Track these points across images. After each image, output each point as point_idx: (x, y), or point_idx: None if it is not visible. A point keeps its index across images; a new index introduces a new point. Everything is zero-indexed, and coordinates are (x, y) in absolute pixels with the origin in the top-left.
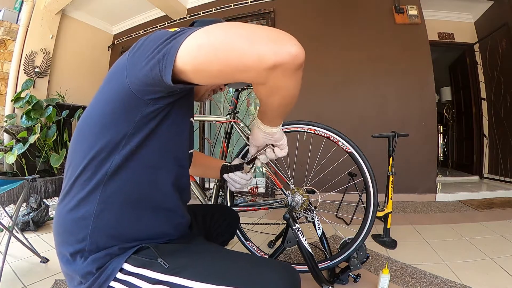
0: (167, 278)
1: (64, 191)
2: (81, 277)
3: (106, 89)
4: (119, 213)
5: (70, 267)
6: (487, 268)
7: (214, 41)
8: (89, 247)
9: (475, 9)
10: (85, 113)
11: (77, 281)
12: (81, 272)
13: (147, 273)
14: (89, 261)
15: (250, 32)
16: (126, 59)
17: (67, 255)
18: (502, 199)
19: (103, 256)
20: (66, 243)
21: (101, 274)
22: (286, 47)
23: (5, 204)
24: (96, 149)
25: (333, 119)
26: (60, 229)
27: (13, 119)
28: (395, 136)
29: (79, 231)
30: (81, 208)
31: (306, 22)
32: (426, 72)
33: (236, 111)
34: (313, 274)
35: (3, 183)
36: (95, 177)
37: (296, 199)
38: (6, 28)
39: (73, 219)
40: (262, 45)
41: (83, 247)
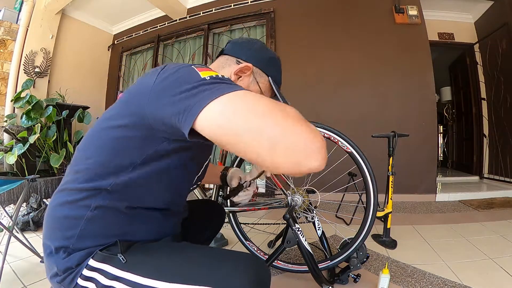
0: (123, 274)
1: (63, 187)
2: (59, 270)
3: (125, 110)
4: (111, 221)
5: (51, 259)
6: (487, 268)
7: (236, 129)
8: (74, 246)
9: (475, 9)
10: (100, 123)
11: (53, 272)
12: (61, 266)
13: (107, 268)
14: (71, 257)
15: (277, 131)
16: (151, 86)
17: (51, 247)
18: (502, 199)
19: (85, 254)
20: (53, 237)
21: (74, 271)
22: (309, 163)
23: (5, 204)
24: (101, 164)
25: (333, 119)
26: (50, 222)
27: (13, 119)
28: (395, 136)
29: (69, 229)
30: (75, 209)
31: (306, 22)
32: (426, 72)
33: None
34: (313, 274)
35: (3, 183)
36: (95, 186)
37: (296, 199)
38: (6, 28)
39: (65, 216)
40: (281, 157)
41: (68, 244)
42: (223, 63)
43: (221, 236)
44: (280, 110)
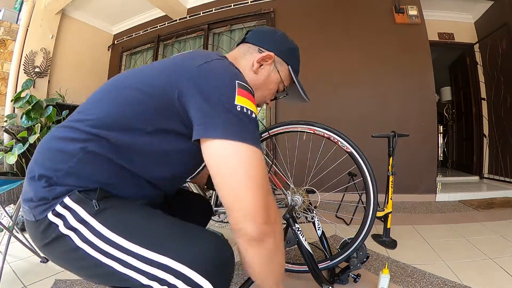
0: (90, 220)
1: (68, 123)
2: (35, 197)
3: (156, 81)
4: (100, 169)
5: (32, 184)
6: (487, 268)
7: (223, 178)
8: (57, 179)
9: (475, 9)
10: (123, 82)
11: (28, 197)
12: (38, 194)
13: (78, 210)
14: (50, 189)
15: (247, 206)
16: (194, 70)
17: (36, 173)
18: (502, 199)
19: (64, 191)
20: (42, 165)
21: (48, 203)
22: (246, 229)
23: (5, 204)
24: (114, 118)
25: (333, 119)
26: (44, 151)
27: (13, 119)
28: (395, 136)
29: (58, 162)
30: (72, 146)
31: (306, 22)
32: (426, 72)
33: None
34: (313, 274)
35: (3, 183)
36: (100, 133)
37: (296, 199)
38: (6, 28)
39: (60, 150)
40: (236, 212)
41: (52, 176)
42: (245, 51)
43: (221, 236)
44: (261, 190)
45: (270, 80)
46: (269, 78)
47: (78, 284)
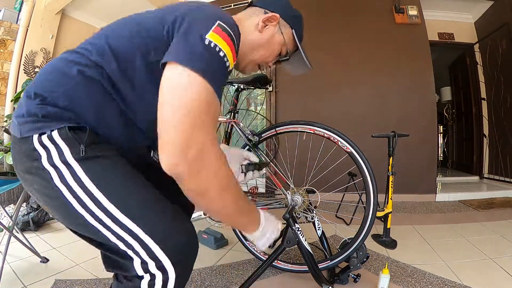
0: (74, 164)
1: (79, 50)
2: (26, 112)
3: (153, 18)
4: (94, 99)
5: (27, 102)
6: (487, 268)
7: (171, 101)
8: (51, 100)
9: (475, 9)
10: (135, 19)
11: (20, 113)
12: (30, 110)
13: (65, 150)
14: (43, 107)
15: (183, 130)
16: (182, 8)
17: (32, 92)
18: (502, 199)
19: (54, 112)
20: (39, 85)
21: (37, 122)
22: (161, 160)
23: (5, 204)
24: (113, 50)
25: (333, 119)
26: (45, 73)
27: None
28: (395, 136)
29: (57, 84)
30: (74, 68)
31: (306, 22)
32: (426, 72)
33: (236, 111)
34: (313, 274)
35: (3, 183)
36: (100, 61)
37: (296, 199)
38: (6, 28)
39: (62, 70)
40: (159, 140)
41: (47, 96)
42: (251, 13)
43: (221, 236)
44: (200, 120)
45: (274, 41)
46: (273, 39)
47: (78, 284)
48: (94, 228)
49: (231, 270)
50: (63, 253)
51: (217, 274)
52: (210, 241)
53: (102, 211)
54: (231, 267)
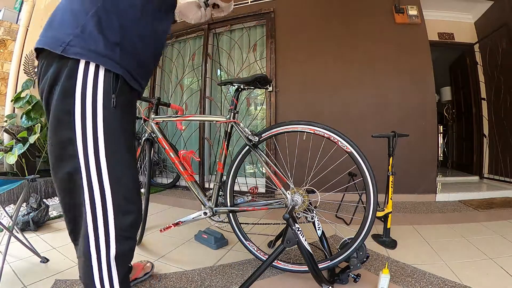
0: (99, 110)
1: None
2: (83, 27)
3: None
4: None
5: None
6: (487, 268)
7: None
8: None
9: (475, 9)
10: None
11: (75, 32)
12: (87, 28)
13: (99, 93)
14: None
15: None
16: None
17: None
18: (502, 199)
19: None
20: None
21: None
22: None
23: (5, 204)
24: None
25: (333, 119)
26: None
27: (13, 119)
28: (395, 136)
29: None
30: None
31: (306, 22)
32: (426, 72)
33: (236, 111)
34: (313, 274)
35: (3, 183)
36: None
37: (296, 199)
38: (6, 28)
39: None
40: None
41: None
42: None
43: (221, 236)
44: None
45: None
46: None
47: (78, 284)
48: (76, 164)
49: (231, 270)
50: (63, 253)
51: (217, 274)
52: (210, 241)
53: (94, 156)
54: (231, 267)
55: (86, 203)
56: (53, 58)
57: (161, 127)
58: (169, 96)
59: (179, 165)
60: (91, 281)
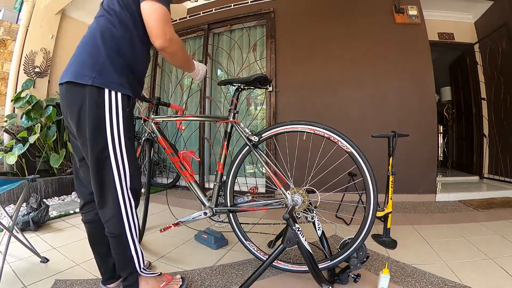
0: (120, 121)
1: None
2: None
3: None
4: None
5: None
6: (487, 268)
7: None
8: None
9: (475, 9)
10: None
11: (95, 67)
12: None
13: (120, 111)
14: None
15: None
16: None
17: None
18: (502, 199)
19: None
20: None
21: (107, 77)
22: (155, 44)
23: (5, 204)
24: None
25: (333, 119)
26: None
27: (13, 119)
28: (395, 136)
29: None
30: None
31: (306, 22)
32: (426, 72)
33: (236, 111)
34: (313, 274)
35: (3, 183)
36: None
37: (296, 199)
38: (6, 28)
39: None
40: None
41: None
42: None
43: (221, 236)
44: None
45: None
46: None
47: (78, 284)
48: (108, 154)
49: (231, 270)
50: (63, 253)
51: (217, 274)
52: (210, 241)
53: (118, 144)
54: (231, 267)
55: (114, 175)
56: (82, 87)
57: (161, 127)
58: (169, 96)
59: (179, 165)
60: (123, 229)
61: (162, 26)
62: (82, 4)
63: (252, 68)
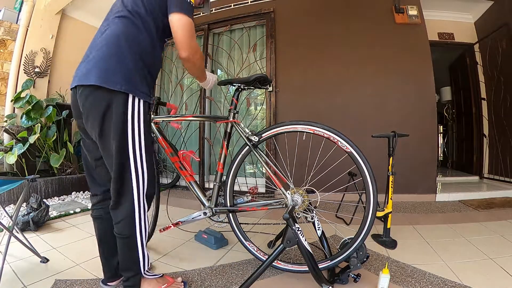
0: (141, 124)
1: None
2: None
3: None
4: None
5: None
6: (487, 268)
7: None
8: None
9: (475, 9)
10: None
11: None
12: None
13: (140, 117)
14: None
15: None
16: None
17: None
18: (502, 199)
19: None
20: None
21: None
22: (181, 54)
23: (5, 204)
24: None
25: (333, 119)
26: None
27: (13, 119)
28: (395, 136)
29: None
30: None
31: (306, 22)
32: (426, 72)
33: (236, 111)
34: (313, 274)
35: (3, 183)
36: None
37: (296, 199)
38: (6, 28)
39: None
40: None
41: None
42: None
43: (221, 236)
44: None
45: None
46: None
47: (78, 284)
48: (129, 159)
49: (231, 270)
50: (63, 253)
51: (217, 274)
52: (210, 241)
53: (139, 149)
54: (231, 267)
55: (133, 179)
56: (108, 91)
57: (160, 127)
58: (169, 96)
59: (179, 165)
60: (134, 231)
61: (190, 40)
62: (82, 4)
63: (252, 68)
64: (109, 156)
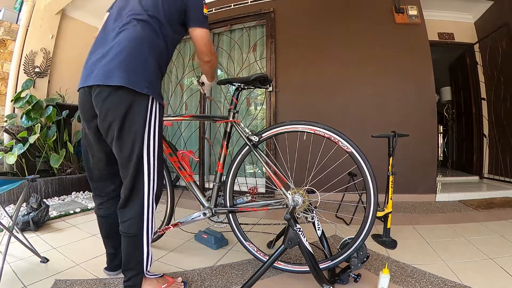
0: (157, 127)
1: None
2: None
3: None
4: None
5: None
6: (487, 268)
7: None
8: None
9: (475, 9)
10: None
11: (146, 81)
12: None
13: (157, 117)
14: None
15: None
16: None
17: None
18: (502, 199)
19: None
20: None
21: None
22: (203, 59)
23: (5, 204)
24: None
25: (333, 119)
26: None
27: (13, 119)
28: (395, 136)
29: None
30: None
31: (306, 22)
32: (426, 72)
33: (236, 111)
34: (314, 274)
35: (3, 183)
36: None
37: (296, 199)
38: (6, 28)
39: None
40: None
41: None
42: None
43: (221, 236)
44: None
45: None
46: None
47: (78, 284)
48: (140, 152)
49: (231, 270)
50: (63, 253)
51: (217, 274)
52: (210, 241)
53: (147, 146)
54: (231, 267)
55: (145, 180)
56: (132, 92)
57: None
58: (169, 96)
59: (178, 165)
60: (141, 230)
61: (210, 47)
62: (82, 4)
63: (252, 68)
64: (123, 157)
